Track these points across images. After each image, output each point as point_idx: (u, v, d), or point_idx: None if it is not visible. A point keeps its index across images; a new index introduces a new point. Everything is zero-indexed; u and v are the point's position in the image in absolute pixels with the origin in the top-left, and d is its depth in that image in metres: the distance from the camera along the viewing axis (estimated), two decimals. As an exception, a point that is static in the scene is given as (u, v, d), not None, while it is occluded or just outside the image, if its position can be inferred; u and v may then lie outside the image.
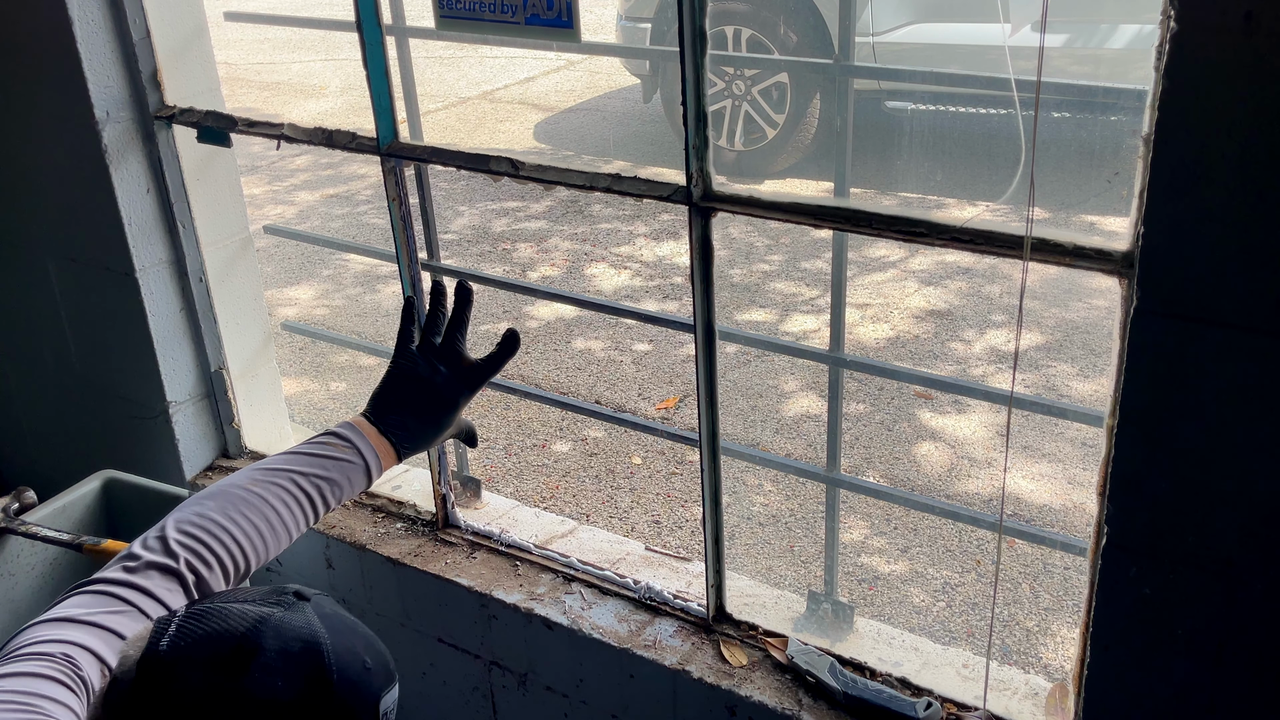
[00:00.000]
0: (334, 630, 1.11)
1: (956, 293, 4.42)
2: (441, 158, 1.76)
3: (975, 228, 1.33)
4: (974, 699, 1.60)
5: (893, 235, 1.39)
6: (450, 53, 8.30)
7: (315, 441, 1.40)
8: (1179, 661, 1.29)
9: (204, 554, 1.25)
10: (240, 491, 1.32)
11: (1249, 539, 1.19)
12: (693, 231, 1.54)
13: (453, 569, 1.98)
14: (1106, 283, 1.70)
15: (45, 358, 2.43)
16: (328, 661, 1.07)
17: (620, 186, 1.60)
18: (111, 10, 1.98)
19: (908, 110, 5.24)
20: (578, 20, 1.53)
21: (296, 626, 1.08)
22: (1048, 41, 1.69)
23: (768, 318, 4.35)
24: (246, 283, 2.30)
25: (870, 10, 5.11)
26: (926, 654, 1.76)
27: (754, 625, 1.77)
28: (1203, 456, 1.19)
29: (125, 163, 2.07)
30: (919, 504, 2.15)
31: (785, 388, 3.84)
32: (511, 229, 5.33)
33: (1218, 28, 1.03)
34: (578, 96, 7.24)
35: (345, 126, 1.87)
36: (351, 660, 1.09)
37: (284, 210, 5.79)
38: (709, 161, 1.51)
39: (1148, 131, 1.11)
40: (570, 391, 3.89)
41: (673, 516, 3.22)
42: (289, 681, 1.05)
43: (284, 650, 1.06)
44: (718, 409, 1.66)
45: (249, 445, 2.35)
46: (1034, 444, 3.39)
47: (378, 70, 1.74)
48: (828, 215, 1.44)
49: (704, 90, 1.46)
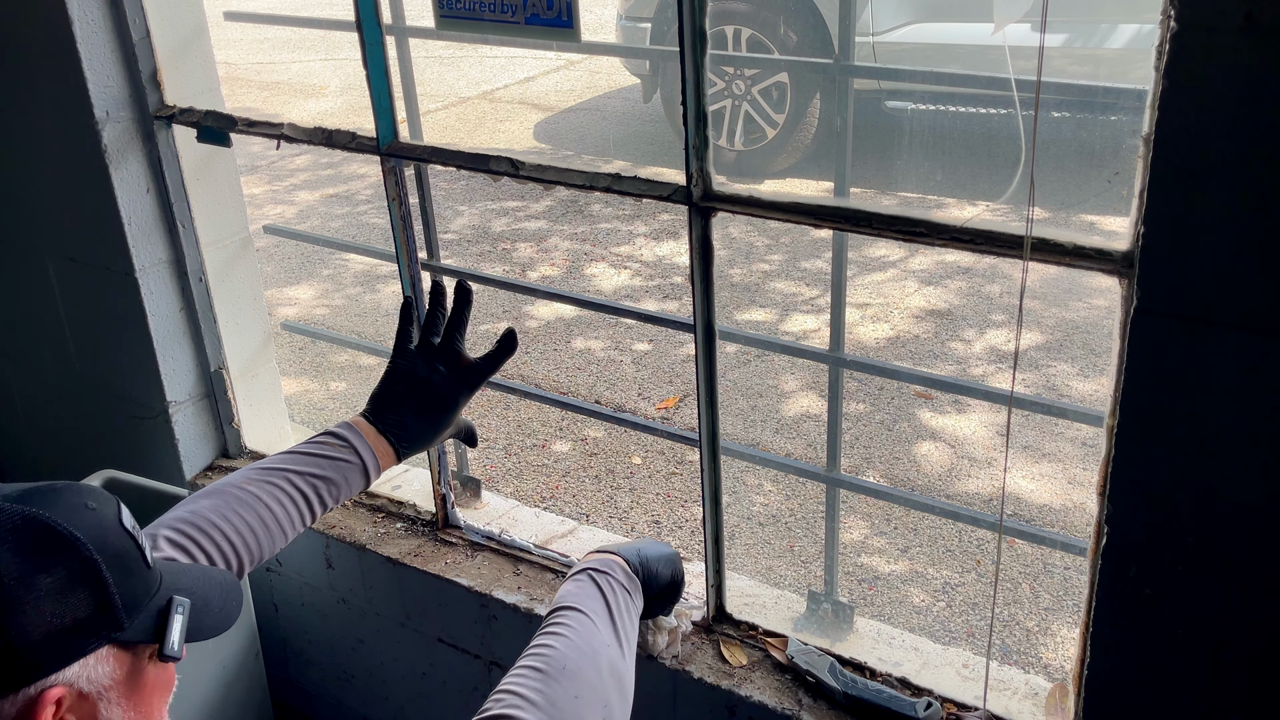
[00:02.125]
0: (47, 502, 0.97)
1: (956, 292, 4.41)
2: (441, 158, 1.76)
3: (975, 228, 1.33)
4: (974, 699, 1.60)
5: (893, 235, 1.39)
6: (450, 53, 8.30)
7: (313, 441, 1.40)
8: (1179, 662, 1.29)
9: (193, 551, 1.26)
10: (236, 491, 1.32)
11: (1249, 539, 1.19)
12: (693, 231, 1.54)
13: (453, 569, 1.98)
14: (1106, 283, 1.70)
15: (45, 358, 2.43)
16: (55, 524, 0.94)
17: (620, 186, 1.60)
18: (111, 10, 1.98)
19: (908, 110, 5.24)
20: (578, 20, 1.53)
21: (9, 512, 0.94)
22: (1047, 41, 1.68)
23: (768, 317, 4.35)
24: (246, 283, 2.30)
25: (870, 10, 5.11)
26: (926, 654, 1.76)
27: (754, 625, 1.77)
28: (1203, 456, 1.19)
29: (125, 163, 2.07)
30: (919, 504, 2.15)
31: (785, 387, 3.84)
32: (511, 229, 5.33)
33: (1218, 28, 1.03)
34: (578, 96, 7.24)
35: (345, 126, 1.87)
36: (76, 513, 0.96)
37: (284, 210, 5.79)
38: (709, 161, 1.51)
39: (1148, 131, 1.11)
40: (570, 391, 3.88)
41: (673, 516, 3.22)
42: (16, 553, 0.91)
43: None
44: (718, 409, 1.66)
45: (249, 445, 2.35)
46: (1034, 444, 3.39)
47: (378, 70, 1.74)
48: (828, 215, 1.44)
49: (704, 90, 1.46)
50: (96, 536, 0.95)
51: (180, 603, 1.00)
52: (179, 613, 1.00)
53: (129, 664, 0.97)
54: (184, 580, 1.05)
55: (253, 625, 2.27)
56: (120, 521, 0.99)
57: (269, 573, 2.28)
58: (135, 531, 1.00)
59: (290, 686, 2.44)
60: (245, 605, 2.25)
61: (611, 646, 1.26)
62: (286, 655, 2.40)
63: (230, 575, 1.14)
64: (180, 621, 0.99)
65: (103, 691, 0.95)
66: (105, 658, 0.95)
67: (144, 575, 0.99)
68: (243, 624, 2.25)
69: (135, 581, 0.97)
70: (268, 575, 2.29)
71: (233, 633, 2.22)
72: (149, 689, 0.99)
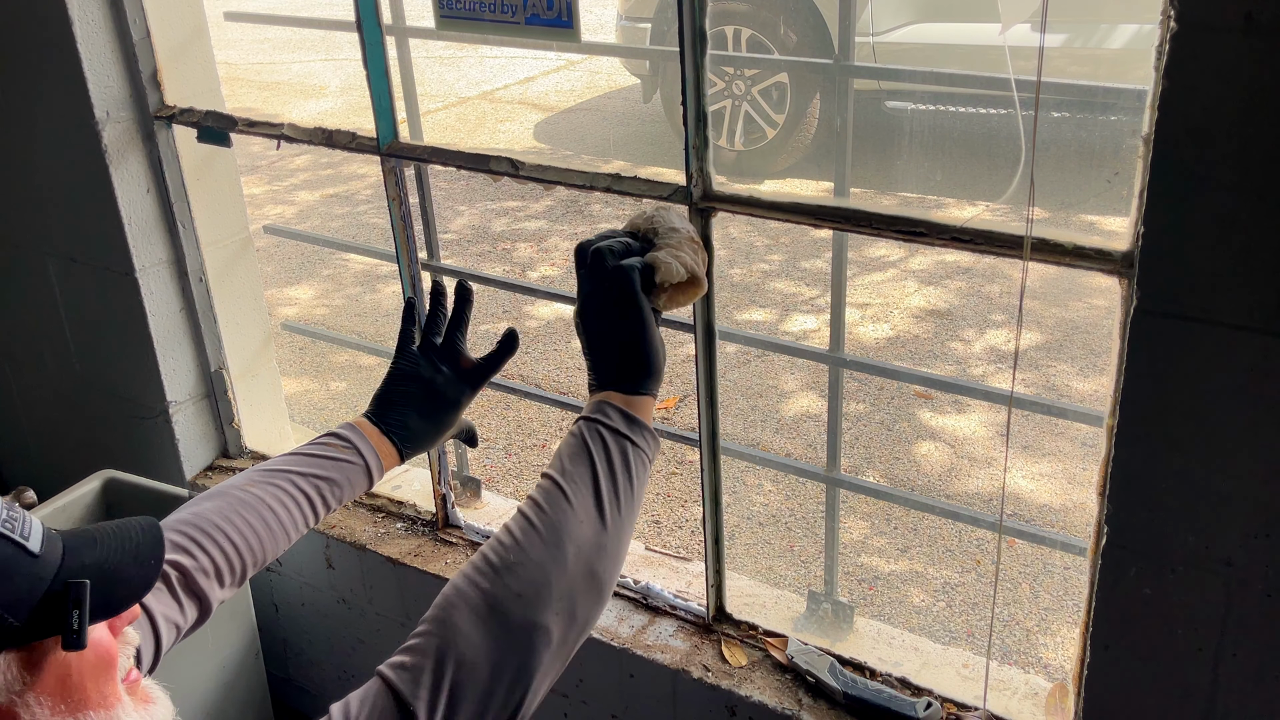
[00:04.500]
0: None
1: (956, 292, 4.42)
2: (441, 158, 1.76)
3: (975, 228, 1.33)
4: (974, 699, 1.60)
5: (893, 235, 1.39)
6: (450, 53, 8.30)
7: (316, 443, 1.40)
8: (1179, 661, 1.29)
9: (195, 554, 1.25)
10: (238, 493, 1.32)
11: (1249, 539, 1.19)
12: (693, 231, 1.54)
13: (453, 569, 1.98)
14: (1106, 283, 1.70)
15: (45, 358, 2.43)
16: None
17: (620, 186, 1.60)
18: (111, 10, 1.98)
19: (908, 110, 5.24)
20: (578, 20, 1.53)
21: None
22: (1047, 41, 1.69)
23: (767, 317, 4.35)
24: (246, 283, 2.30)
25: (870, 10, 5.10)
26: (926, 654, 1.76)
27: (754, 625, 1.77)
28: (1203, 456, 1.19)
29: (125, 163, 2.07)
30: (919, 504, 2.15)
31: (785, 387, 3.84)
32: (511, 229, 5.33)
33: (1218, 28, 1.03)
34: (578, 96, 7.24)
35: (345, 126, 1.87)
36: None
37: (284, 210, 5.79)
38: (709, 161, 1.51)
39: (1148, 131, 1.11)
40: (570, 391, 3.88)
41: (673, 516, 3.22)
42: None
43: None
44: (718, 409, 1.66)
45: (249, 445, 2.35)
46: (1034, 444, 3.39)
47: (378, 70, 1.74)
48: (828, 215, 1.44)
49: (704, 90, 1.46)
50: None
51: (77, 588, 0.93)
52: (77, 600, 0.93)
53: (36, 662, 0.93)
54: (91, 554, 0.98)
55: (253, 625, 2.27)
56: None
57: (269, 573, 2.28)
58: (8, 524, 0.93)
59: (290, 686, 2.44)
60: (245, 605, 2.25)
61: (584, 523, 1.16)
62: (286, 655, 2.40)
63: (153, 529, 1.05)
64: (79, 611, 0.93)
65: (17, 697, 0.91)
66: (6, 666, 0.91)
67: (27, 571, 0.92)
68: (243, 624, 2.25)
69: (17, 581, 0.91)
70: (268, 575, 2.29)
71: (233, 633, 2.22)
72: (76, 676, 0.95)
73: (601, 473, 1.19)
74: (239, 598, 2.22)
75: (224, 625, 2.20)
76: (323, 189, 6.05)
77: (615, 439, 1.22)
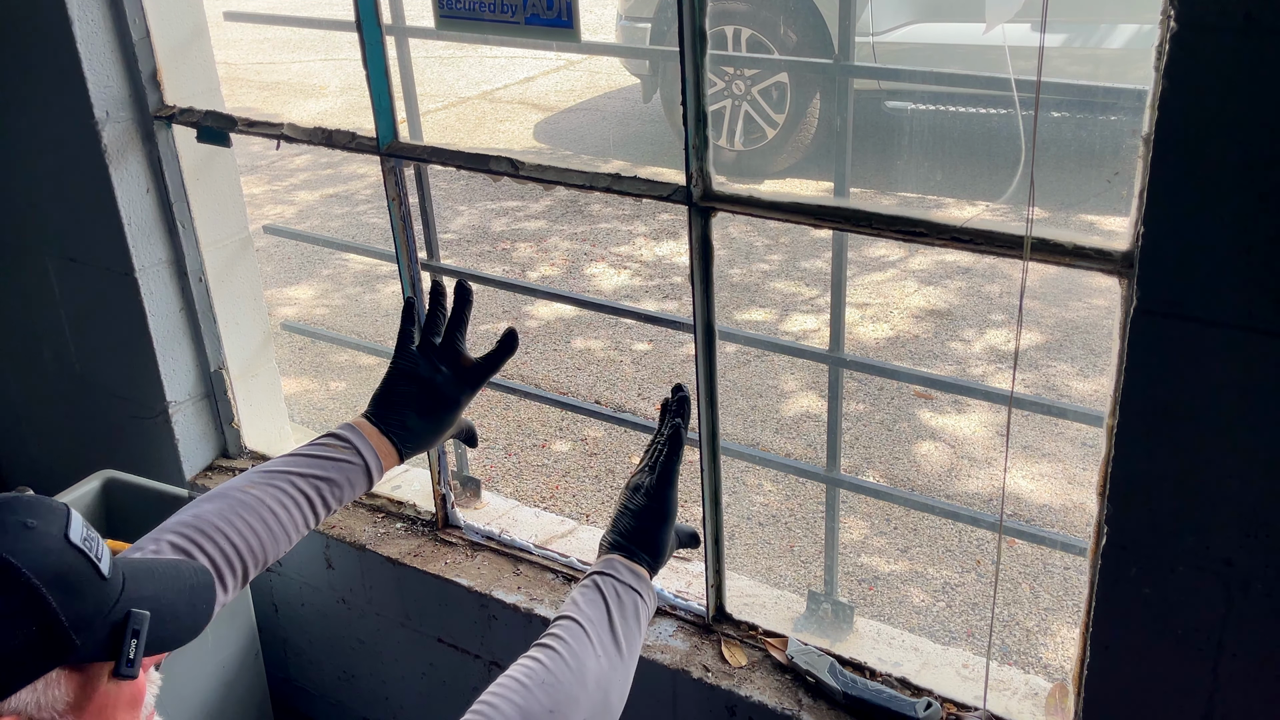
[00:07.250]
0: None
1: (956, 292, 4.41)
2: (441, 157, 1.76)
3: (975, 227, 1.33)
4: (974, 699, 1.60)
5: (893, 235, 1.39)
6: (450, 53, 8.30)
7: (315, 443, 1.40)
8: (1179, 662, 1.29)
9: (197, 556, 1.25)
10: (239, 494, 1.32)
11: (1249, 539, 1.19)
12: (692, 231, 1.54)
13: (453, 569, 1.98)
14: (1106, 283, 1.70)
15: (45, 358, 2.43)
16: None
17: (620, 186, 1.60)
18: (111, 10, 1.98)
19: (908, 110, 5.24)
20: (578, 20, 1.53)
21: None
22: (1047, 41, 1.68)
23: (767, 317, 4.35)
24: (246, 283, 2.30)
25: (870, 10, 5.10)
26: (926, 654, 1.76)
27: (754, 625, 1.77)
28: (1203, 456, 1.19)
29: (125, 163, 2.07)
30: (919, 504, 2.15)
31: (785, 387, 3.84)
32: (511, 229, 5.33)
33: (1218, 28, 1.03)
34: (578, 96, 7.24)
35: (345, 126, 1.87)
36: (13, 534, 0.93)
37: (284, 210, 5.78)
38: (709, 161, 1.51)
39: (1148, 131, 1.11)
40: (570, 391, 3.88)
41: (672, 516, 3.21)
42: None
43: None
44: (718, 409, 1.66)
45: (249, 445, 2.35)
46: (1034, 444, 3.39)
47: (378, 70, 1.74)
48: (828, 215, 1.44)
49: (704, 90, 1.46)
50: (36, 558, 0.90)
51: (138, 618, 0.95)
52: (136, 631, 0.95)
53: (85, 684, 0.93)
54: (149, 586, 1.00)
55: (253, 625, 2.27)
56: (67, 535, 0.94)
57: (269, 573, 2.28)
58: (87, 543, 0.95)
59: (290, 686, 2.44)
60: (245, 605, 2.25)
61: (602, 657, 1.27)
62: (286, 655, 2.40)
63: (205, 574, 1.08)
64: (136, 641, 0.94)
65: (57, 715, 0.92)
66: (56, 681, 0.91)
67: (96, 591, 0.94)
68: (243, 624, 2.25)
69: (85, 600, 0.92)
70: (268, 576, 2.29)
71: (233, 633, 2.22)
72: (111, 707, 0.96)
73: (615, 615, 1.31)
74: (239, 598, 2.22)
75: (224, 625, 2.20)
76: (322, 189, 6.05)
77: (626, 590, 1.34)
